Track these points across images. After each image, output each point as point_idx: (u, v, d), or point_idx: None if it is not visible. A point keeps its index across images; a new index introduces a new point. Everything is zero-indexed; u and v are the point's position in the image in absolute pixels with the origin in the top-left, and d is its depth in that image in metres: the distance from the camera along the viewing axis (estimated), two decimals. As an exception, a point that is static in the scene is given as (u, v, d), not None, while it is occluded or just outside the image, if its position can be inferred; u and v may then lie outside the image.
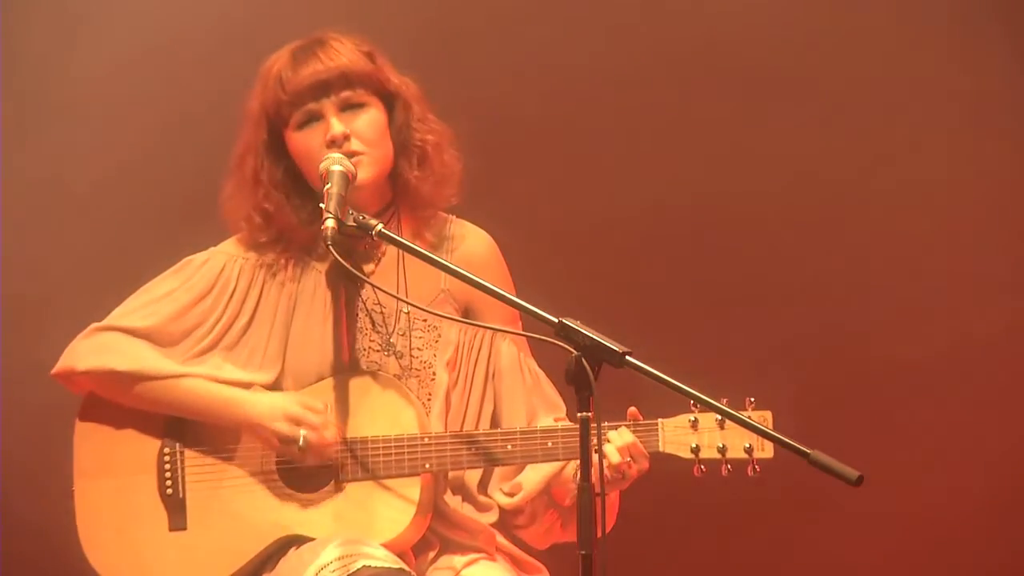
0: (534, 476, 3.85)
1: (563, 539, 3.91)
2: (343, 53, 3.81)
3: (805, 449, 3.18)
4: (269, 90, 3.82)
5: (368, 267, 3.91)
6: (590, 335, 3.30)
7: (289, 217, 3.85)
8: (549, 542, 3.94)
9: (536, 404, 3.90)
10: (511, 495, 3.90)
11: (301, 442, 3.76)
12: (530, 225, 5.01)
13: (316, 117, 3.81)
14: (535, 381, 3.92)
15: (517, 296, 3.55)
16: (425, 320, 3.88)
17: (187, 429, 3.89)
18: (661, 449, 3.73)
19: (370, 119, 3.82)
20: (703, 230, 5.20)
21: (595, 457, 3.28)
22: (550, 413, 3.90)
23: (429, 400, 3.88)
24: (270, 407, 3.78)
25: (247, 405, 3.81)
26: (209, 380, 3.84)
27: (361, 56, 3.83)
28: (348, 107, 3.81)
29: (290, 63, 3.81)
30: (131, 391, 3.85)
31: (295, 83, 3.79)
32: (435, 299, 3.90)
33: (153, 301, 3.90)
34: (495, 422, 3.91)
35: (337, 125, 3.78)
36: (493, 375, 3.92)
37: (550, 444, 3.75)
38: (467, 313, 3.92)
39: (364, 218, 3.64)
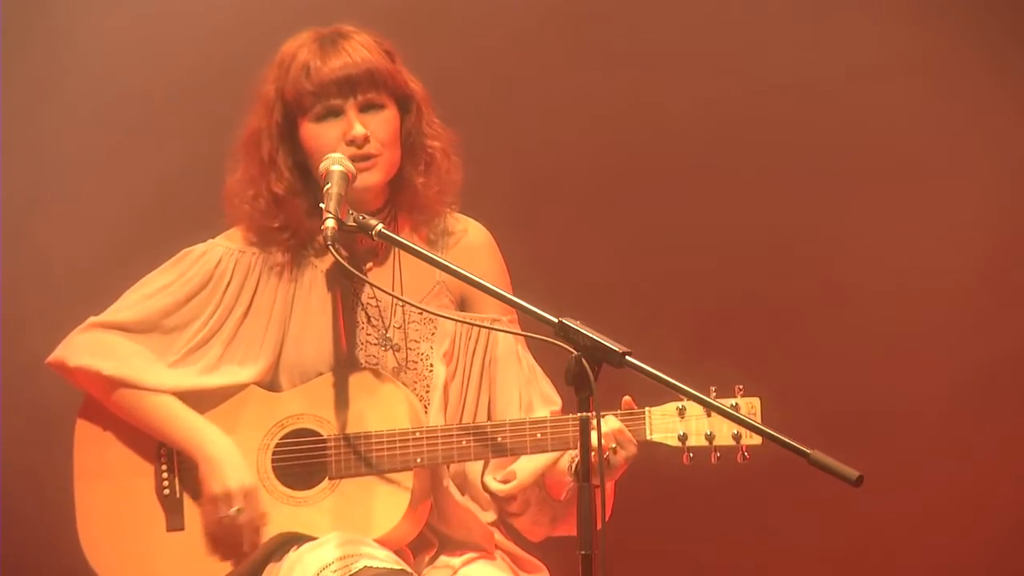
0: (528, 465, 3.85)
1: (552, 534, 3.92)
2: (369, 50, 3.81)
3: (805, 449, 3.18)
4: (292, 77, 3.81)
5: (366, 264, 3.91)
6: (590, 335, 3.29)
7: (297, 204, 3.85)
8: (539, 535, 3.95)
9: (532, 396, 3.91)
10: (505, 482, 3.90)
11: (233, 511, 3.77)
12: (530, 224, 5.02)
13: (336, 112, 3.80)
14: (531, 373, 3.92)
15: (516, 295, 3.54)
16: (421, 313, 3.88)
17: (184, 430, 3.90)
18: (648, 437, 3.73)
19: (387, 121, 3.82)
20: (701, 228, 5.22)
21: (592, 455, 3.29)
22: (545, 406, 3.90)
23: (428, 393, 3.89)
24: (235, 466, 3.79)
25: (212, 444, 3.80)
26: (197, 389, 3.84)
27: (383, 55, 3.83)
28: (368, 107, 3.81)
29: (318, 53, 3.80)
30: (110, 397, 3.86)
31: (323, 75, 3.78)
32: (431, 291, 3.91)
33: (149, 296, 3.90)
34: (490, 411, 3.92)
35: (359, 127, 3.78)
36: (489, 364, 3.93)
37: (539, 435, 3.75)
38: (462, 304, 3.93)
39: (364, 218, 3.64)
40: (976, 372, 5.19)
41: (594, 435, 3.26)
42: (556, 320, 3.34)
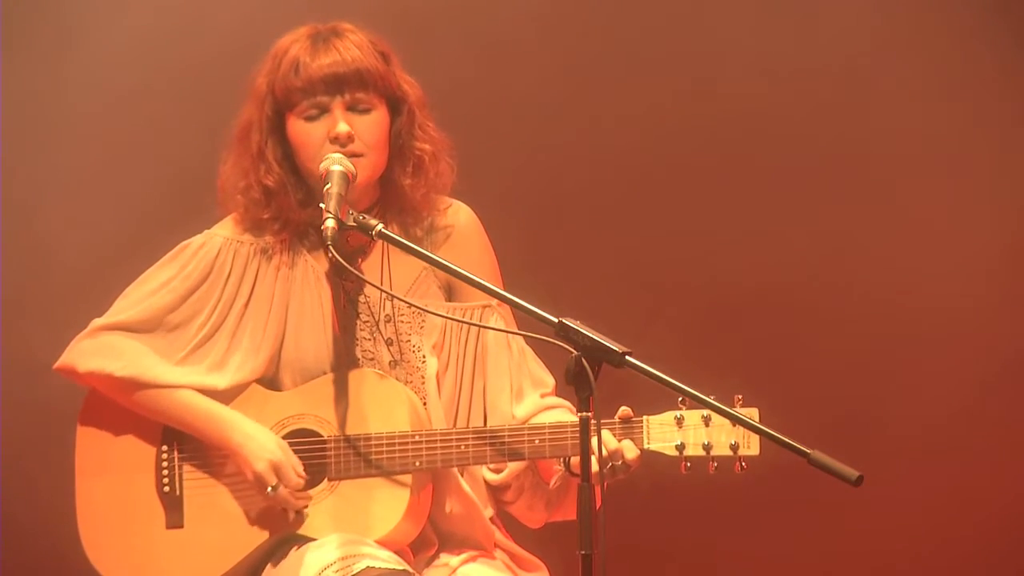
0: None
1: (550, 519, 3.92)
2: (361, 50, 3.82)
3: (805, 449, 3.19)
4: (282, 72, 3.82)
5: (356, 260, 3.91)
6: (590, 335, 3.30)
7: (288, 196, 3.86)
8: (537, 521, 3.95)
9: (522, 380, 3.91)
10: (497, 471, 3.90)
11: (270, 491, 3.77)
12: (530, 224, 5.03)
13: (323, 110, 3.81)
14: (521, 356, 3.92)
15: (516, 295, 3.54)
16: (410, 307, 3.89)
17: (185, 428, 3.91)
18: (646, 446, 3.72)
19: (374, 123, 3.82)
20: (702, 229, 5.22)
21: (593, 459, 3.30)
22: (536, 389, 3.91)
23: (423, 385, 3.89)
24: (259, 445, 3.79)
25: (235, 431, 3.82)
26: (207, 388, 3.85)
27: (377, 56, 3.84)
28: (356, 108, 3.82)
29: (308, 50, 3.81)
30: (129, 397, 3.86)
31: (311, 71, 3.79)
32: (418, 279, 3.92)
33: (152, 292, 3.90)
34: (484, 399, 3.92)
35: (343, 125, 3.79)
36: (482, 351, 3.93)
37: (537, 442, 3.75)
38: (449, 289, 3.94)
39: (364, 218, 3.65)
40: (977, 374, 5.19)
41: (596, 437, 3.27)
42: (556, 320, 3.35)
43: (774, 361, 5.12)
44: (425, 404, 3.88)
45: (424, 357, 3.90)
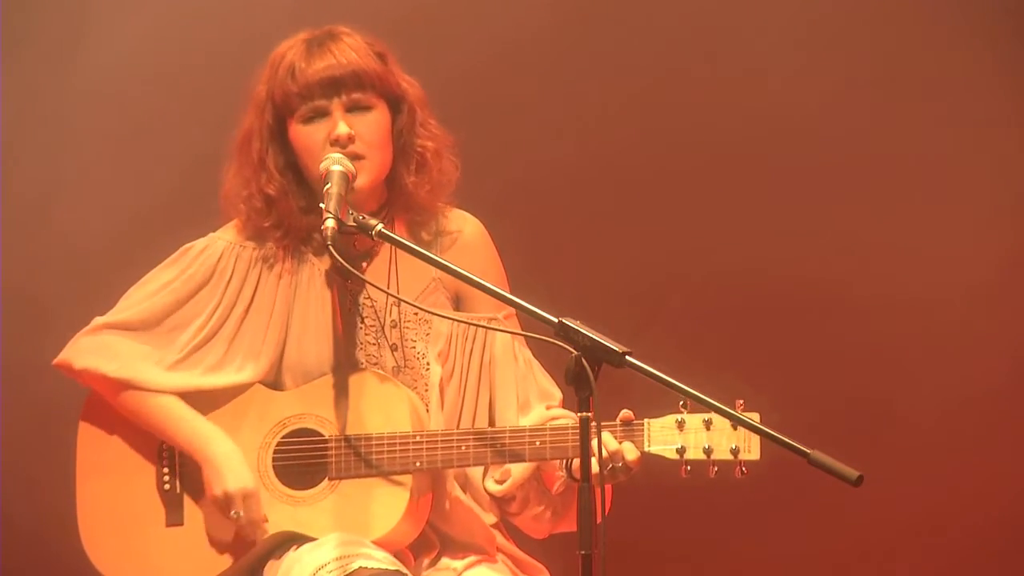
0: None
1: (555, 530, 3.92)
2: (357, 52, 3.82)
3: (805, 449, 3.19)
4: (279, 78, 3.82)
5: (362, 264, 3.91)
6: (590, 335, 3.30)
7: (290, 204, 3.86)
8: (543, 532, 3.94)
9: (528, 392, 3.91)
10: (500, 482, 3.90)
11: (233, 515, 3.78)
12: (530, 225, 5.03)
13: (323, 113, 3.81)
14: (528, 368, 3.92)
15: (516, 295, 3.54)
16: (416, 313, 3.89)
17: (186, 427, 3.91)
18: (647, 449, 3.72)
19: (375, 122, 3.82)
20: (701, 229, 5.22)
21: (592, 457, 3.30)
22: (542, 402, 3.90)
23: (427, 392, 3.89)
24: (236, 469, 3.80)
25: (210, 448, 3.82)
26: (202, 389, 3.85)
27: (373, 56, 3.84)
28: (355, 108, 3.82)
29: (304, 54, 3.81)
30: (116, 397, 3.88)
31: (307, 75, 3.79)
32: (426, 288, 3.92)
33: (152, 293, 3.91)
34: (490, 411, 3.93)
35: (343, 126, 3.79)
36: (488, 363, 3.93)
37: (538, 443, 3.75)
38: (458, 300, 3.94)
39: (364, 218, 3.65)
40: (979, 372, 5.19)
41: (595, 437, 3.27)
42: (556, 320, 3.35)
43: (775, 360, 5.12)
44: (427, 411, 3.88)
45: (428, 364, 3.90)
